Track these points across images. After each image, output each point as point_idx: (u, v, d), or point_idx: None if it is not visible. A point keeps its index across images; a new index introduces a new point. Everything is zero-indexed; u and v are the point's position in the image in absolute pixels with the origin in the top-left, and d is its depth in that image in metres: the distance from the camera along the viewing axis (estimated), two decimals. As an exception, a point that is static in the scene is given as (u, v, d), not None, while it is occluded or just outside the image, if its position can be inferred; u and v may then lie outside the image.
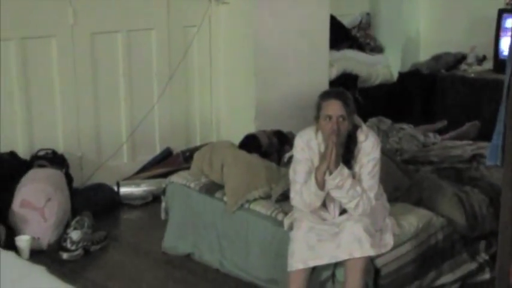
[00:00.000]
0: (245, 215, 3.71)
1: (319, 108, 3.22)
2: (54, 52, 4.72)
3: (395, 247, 3.34)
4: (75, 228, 4.07)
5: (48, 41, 4.69)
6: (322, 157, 3.19)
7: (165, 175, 4.84)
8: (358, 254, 3.08)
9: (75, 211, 4.37)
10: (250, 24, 5.34)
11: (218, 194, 3.87)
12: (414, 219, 3.53)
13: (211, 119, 5.74)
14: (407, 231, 3.45)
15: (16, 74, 4.54)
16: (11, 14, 4.41)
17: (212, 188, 3.92)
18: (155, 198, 4.83)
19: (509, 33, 5.80)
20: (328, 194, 3.23)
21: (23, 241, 3.97)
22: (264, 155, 4.23)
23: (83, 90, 4.90)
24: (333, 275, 3.27)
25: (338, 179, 3.15)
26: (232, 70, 5.54)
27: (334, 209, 3.29)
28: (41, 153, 4.60)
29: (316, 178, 3.18)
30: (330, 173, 3.14)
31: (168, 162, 5.34)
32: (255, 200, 3.73)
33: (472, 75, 6.21)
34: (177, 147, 5.49)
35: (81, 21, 4.80)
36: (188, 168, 4.27)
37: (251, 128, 5.09)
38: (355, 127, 3.25)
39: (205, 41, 5.58)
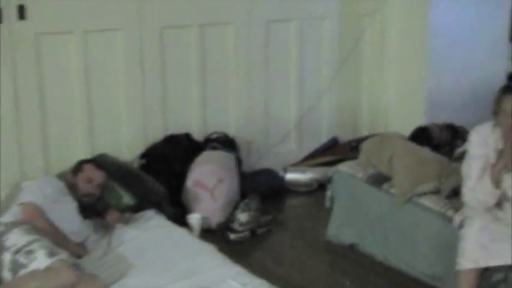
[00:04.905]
0: (413, 209, 3.63)
1: (498, 102, 3.08)
2: (231, 39, 4.86)
3: None
4: (243, 210, 4.20)
5: (225, 28, 4.85)
6: (500, 154, 3.07)
7: (331, 164, 4.85)
8: (536, 259, 2.91)
9: (243, 194, 4.50)
10: (424, 13, 5.19)
11: (385, 186, 3.82)
12: None
13: (380, 110, 5.66)
14: None
15: (194, 60, 4.74)
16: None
17: (379, 179, 3.88)
18: (320, 186, 4.87)
19: None
20: (504, 193, 3.08)
21: (194, 219, 4.15)
22: (435, 148, 4.11)
23: (254, 77, 5.02)
24: (506, 278, 3.11)
25: (516, 178, 3.01)
26: (405, 60, 5.43)
27: (510, 209, 3.12)
28: (214, 136, 4.77)
29: (492, 176, 3.05)
30: (508, 171, 3.00)
31: (334, 151, 5.34)
32: (423, 194, 3.64)
33: None
34: (344, 136, 5.49)
35: (258, 9, 4.91)
36: (354, 158, 4.25)
37: (421, 120, 4.96)
38: (539, 124, 3.06)
39: (378, 30, 5.51)
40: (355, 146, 5.14)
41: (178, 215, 4.19)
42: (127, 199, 3.99)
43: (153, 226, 3.84)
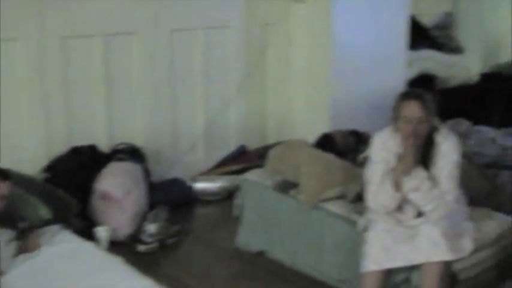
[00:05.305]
0: (319, 214, 3.70)
1: (397, 108, 3.17)
2: (136, 49, 4.81)
3: (474, 252, 3.25)
4: (151, 221, 4.16)
5: (130, 37, 4.79)
6: (399, 158, 3.17)
7: (239, 172, 4.88)
8: (435, 258, 3.02)
9: (151, 205, 4.45)
10: (327, 23, 5.32)
11: (292, 192, 3.87)
12: (495, 224, 3.43)
13: (287, 117, 5.74)
14: (487, 237, 3.35)
15: (99, 71, 4.66)
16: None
17: (287, 186, 3.92)
18: (229, 195, 4.88)
19: None
20: (404, 196, 3.18)
21: (101, 232, 4.06)
22: (339, 154, 4.19)
23: (160, 86, 4.99)
24: (408, 279, 3.22)
25: (415, 181, 3.12)
26: (309, 69, 5.54)
27: (410, 212, 3.23)
28: (121, 147, 4.70)
29: (392, 179, 3.15)
30: (407, 175, 3.11)
31: (242, 159, 5.38)
32: (329, 199, 3.71)
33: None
34: (252, 144, 5.54)
35: (163, 20, 4.89)
36: (263, 165, 4.28)
37: (326, 127, 5.06)
38: (435, 129, 3.19)
39: (283, 40, 5.59)
40: (263, 154, 5.20)
41: (85, 228, 4.09)
42: (43, 211, 3.85)
43: (59, 241, 3.71)
